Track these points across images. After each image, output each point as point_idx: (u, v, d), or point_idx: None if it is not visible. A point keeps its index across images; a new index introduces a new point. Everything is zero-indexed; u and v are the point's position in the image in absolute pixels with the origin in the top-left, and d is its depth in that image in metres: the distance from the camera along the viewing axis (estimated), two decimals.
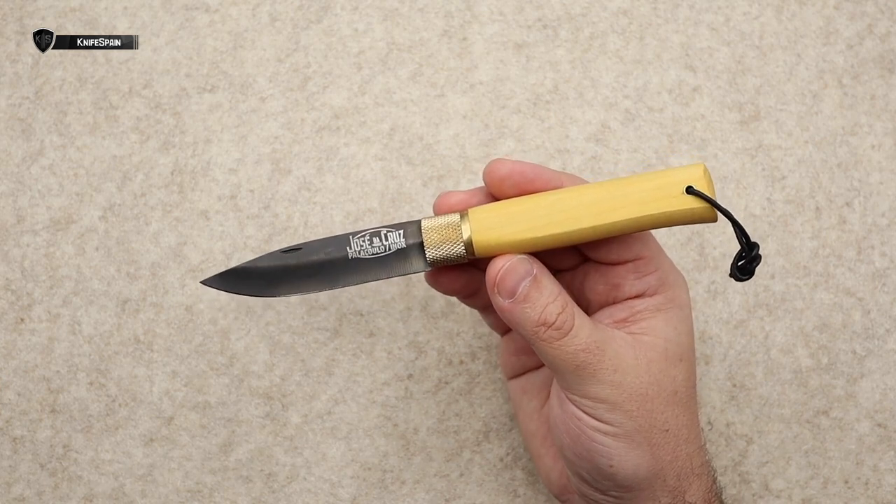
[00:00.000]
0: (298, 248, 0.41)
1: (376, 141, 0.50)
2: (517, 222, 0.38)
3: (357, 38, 0.51)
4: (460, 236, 0.39)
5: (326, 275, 0.40)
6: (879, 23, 0.52)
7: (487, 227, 0.38)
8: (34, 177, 0.50)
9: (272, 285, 0.41)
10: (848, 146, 0.51)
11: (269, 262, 0.41)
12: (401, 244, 0.40)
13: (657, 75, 0.51)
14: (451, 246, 0.39)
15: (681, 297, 0.40)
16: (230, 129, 0.50)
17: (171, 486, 0.49)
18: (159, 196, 0.50)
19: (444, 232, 0.39)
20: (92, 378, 0.49)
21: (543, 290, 0.38)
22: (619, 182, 0.38)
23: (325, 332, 0.49)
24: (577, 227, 0.38)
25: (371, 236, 0.40)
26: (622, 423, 0.38)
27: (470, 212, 0.39)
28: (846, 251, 0.50)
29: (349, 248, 0.40)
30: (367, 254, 0.40)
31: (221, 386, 0.49)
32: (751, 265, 0.38)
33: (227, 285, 0.42)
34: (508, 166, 0.39)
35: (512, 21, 0.51)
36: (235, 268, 0.42)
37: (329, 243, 0.41)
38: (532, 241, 0.38)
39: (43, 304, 0.49)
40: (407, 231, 0.40)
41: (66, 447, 0.49)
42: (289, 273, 0.41)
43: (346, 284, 0.40)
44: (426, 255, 0.39)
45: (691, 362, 0.40)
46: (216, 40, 0.51)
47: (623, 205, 0.38)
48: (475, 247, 0.39)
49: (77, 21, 0.51)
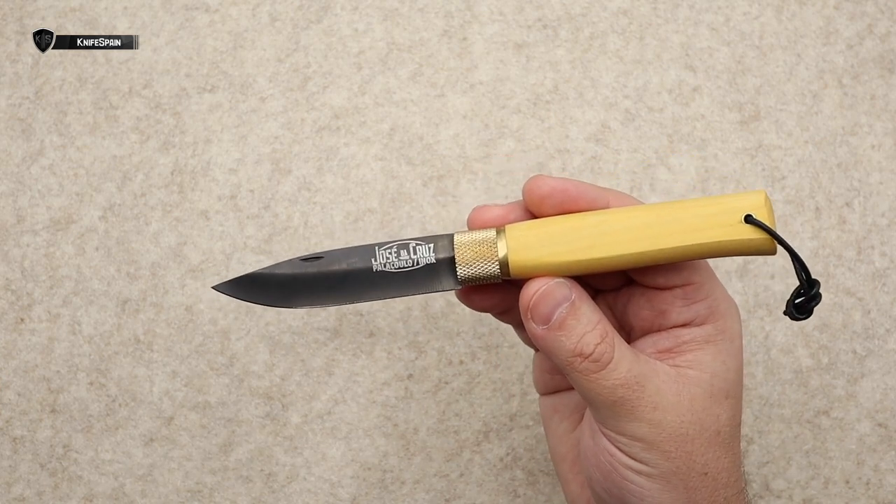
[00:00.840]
0: (319, 256, 0.38)
1: (376, 141, 0.50)
2: (557, 243, 0.35)
3: (357, 38, 0.51)
4: (495, 254, 0.36)
5: (348, 288, 0.37)
6: (879, 23, 0.52)
7: (525, 247, 0.36)
8: (34, 177, 0.50)
9: (288, 296, 0.38)
10: (848, 146, 0.51)
11: (288, 270, 0.38)
12: (430, 259, 0.37)
13: (657, 75, 0.51)
14: (485, 264, 0.36)
15: (731, 329, 0.37)
16: (230, 129, 0.50)
17: (171, 486, 0.49)
18: (159, 196, 0.50)
19: (478, 249, 0.36)
20: (92, 378, 0.49)
21: (581, 317, 0.35)
22: (670, 206, 0.35)
23: (325, 332, 0.49)
24: (621, 253, 0.35)
25: (399, 249, 0.37)
26: (658, 463, 0.35)
27: (507, 228, 0.36)
28: (846, 251, 0.50)
29: (374, 259, 0.37)
30: (394, 267, 0.37)
31: (221, 386, 0.49)
32: (810, 304, 0.36)
33: (241, 292, 0.38)
34: (550, 184, 0.36)
35: (512, 21, 0.51)
36: (251, 274, 0.38)
37: (353, 253, 0.37)
38: (572, 264, 0.35)
39: (43, 304, 0.49)
40: (438, 245, 0.37)
41: (66, 447, 0.49)
42: (308, 283, 0.37)
43: (369, 299, 0.37)
44: (457, 272, 0.36)
45: (738, 400, 0.37)
46: (216, 40, 0.51)
47: (674, 231, 0.35)
48: (511, 267, 0.36)
49: (77, 21, 0.51)
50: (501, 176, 0.50)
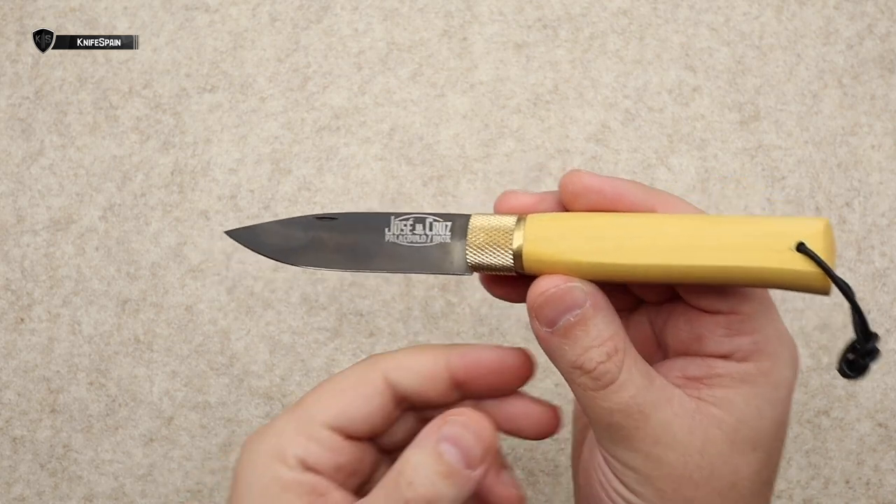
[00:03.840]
0: (334, 217, 0.36)
1: (376, 141, 0.50)
2: (579, 240, 0.32)
3: (357, 38, 0.51)
4: (510, 244, 0.33)
5: (357, 254, 0.35)
6: (879, 23, 0.52)
7: (543, 239, 0.32)
8: (34, 177, 0.50)
9: (297, 252, 0.36)
10: (848, 146, 0.51)
11: (300, 226, 0.36)
12: (444, 237, 0.34)
13: (657, 75, 0.51)
14: (497, 253, 0.33)
15: (778, 374, 0.32)
16: (230, 129, 0.50)
17: (171, 486, 0.49)
18: (159, 196, 0.50)
19: (492, 234, 0.33)
20: (92, 378, 0.49)
21: (590, 329, 0.31)
22: (715, 219, 0.31)
23: (325, 332, 0.49)
24: (648, 262, 0.31)
25: (415, 222, 0.35)
26: (651, 499, 0.31)
27: (529, 218, 0.33)
28: (846, 251, 0.50)
29: (388, 229, 0.35)
30: (406, 240, 0.35)
31: (221, 386, 0.49)
32: (865, 360, 0.30)
33: (250, 241, 0.37)
34: (584, 182, 0.32)
35: (512, 21, 0.51)
36: (264, 224, 0.37)
37: (367, 219, 0.35)
38: (593, 266, 0.32)
39: (43, 304, 0.49)
40: (455, 224, 0.34)
41: (66, 447, 0.49)
42: (317, 242, 0.36)
43: (376, 270, 0.35)
44: (466, 257, 0.34)
45: (770, 454, 0.32)
46: (216, 40, 0.51)
47: (711, 247, 0.30)
48: (525, 260, 0.32)
49: (77, 21, 0.51)
50: (501, 176, 0.50)
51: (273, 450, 0.32)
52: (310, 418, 0.33)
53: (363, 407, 0.33)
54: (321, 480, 0.32)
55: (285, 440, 0.32)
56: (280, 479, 0.32)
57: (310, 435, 0.33)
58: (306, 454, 0.32)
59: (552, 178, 0.50)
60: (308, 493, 0.32)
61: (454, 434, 0.31)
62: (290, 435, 0.32)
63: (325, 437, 0.33)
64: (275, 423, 0.33)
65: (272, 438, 0.32)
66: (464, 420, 0.31)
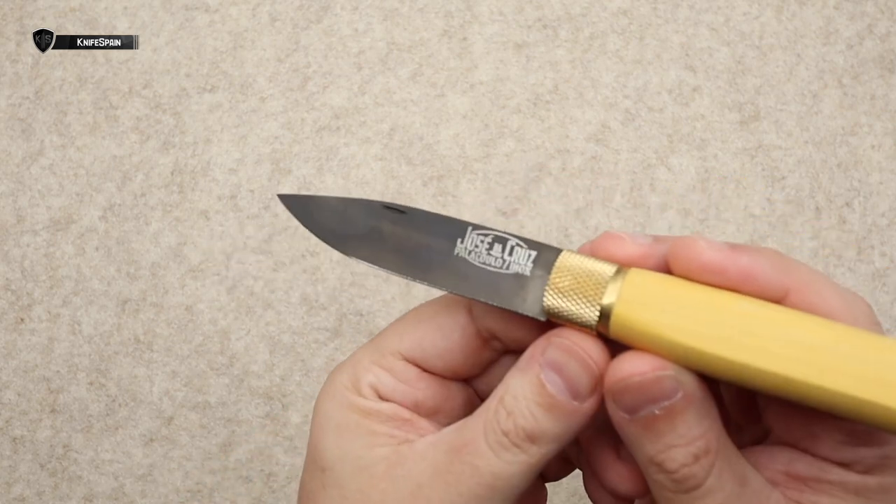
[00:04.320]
0: (402, 210, 0.31)
1: (376, 141, 0.50)
2: (685, 317, 0.26)
3: (357, 38, 0.51)
4: (599, 297, 0.27)
5: (419, 260, 0.30)
6: (879, 23, 0.52)
7: (642, 304, 0.26)
8: (34, 177, 0.50)
9: (351, 240, 0.31)
10: (848, 146, 0.50)
11: (363, 210, 0.32)
12: (524, 268, 0.29)
13: (657, 75, 0.51)
14: (582, 304, 0.28)
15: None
16: (230, 129, 0.50)
17: (171, 486, 0.49)
18: (159, 196, 0.50)
19: (581, 280, 0.28)
20: (92, 378, 0.49)
21: (678, 426, 0.26)
22: (862, 337, 0.25)
23: (325, 332, 0.49)
24: (765, 367, 0.25)
25: (494, 241, 0.30)
26: None
27: (631, 272, 0.27)
28: (846, 251, 0.50)
29: (460, 240, 0.30)
30: (478, 259, 0.30)
31: (221, 386, 0.49)
32: None
33: (302, 213, 0.32)
34: (703, 259, 0.26)
35: (512, 21, 0.51)
36: (322, 197, 0.32)
37: (439, 223, 0.31)
38: (693, 353, 0.26)
39: (43, 304, 0.49)
40: (540, 256, 0.29)
41: (65, 447, 0.49)
42: (376, 235, 0.31)
43: (434, 284, 0.30)
44: (543, 298, 0.28)
45: None
46: (216, 40, 0.51)
47: (847, 371, 0.24)
48: (613, 321, 0.27)
49: (77, 21, 0.51)
50: (501, 176, 0.50)
51: (349, 379, 0.30)
52: (384, 347, 0.30)
53: (440, 340, 0.30)
54: (401, 409, 0.30)
55: (360, 369, 0.30)
56: (357, 407, 0.29)
57: (383, 364, 0.30)
58: (379, 383, 0.30)
59: (552, 177, 0.50)
60: (388, 419, 0.29)
61: (557, 360, 0.27)
62: (366, 364, 0.30)
63: (398, 368, 0.30)
64: (355, 353, 0.31)
65: (349, 368, 0.30)
66: (568, 344, 0.27)
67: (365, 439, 0.29)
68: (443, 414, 0.31)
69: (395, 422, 0.30)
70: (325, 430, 0.30)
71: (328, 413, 0.30)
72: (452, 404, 0.31)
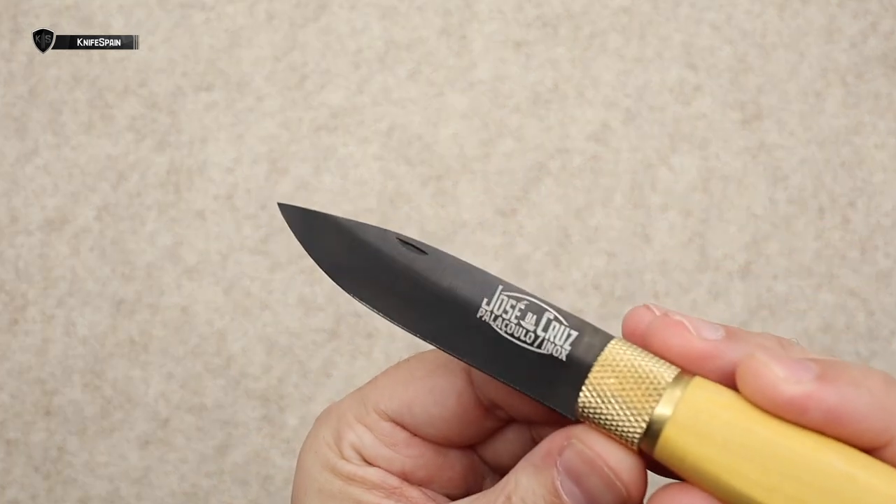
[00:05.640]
0: (422, 250, 0.26)
1: (374, 140, 0.50)
2: (752, 462, 0.20)
3: (355, 37, 0.51)
4: (650, 408, 0.22)
5: (432, 315, 0.25)
6: (883, 21, 0.51)
7: (701, 433, 0.21)
8: (28, 176, 0.50)
9: (353, 273, 0.26)
10: (851, 145, 0.50)
11: (373, 241, 0.26)
12: (560, 350, 0.23)
13: (658, 74, 0.51)
14: (627, 413, 0.22)
15: None
16: (227, 128, 0.50)
17: (167, 489, 0.48)
18: (155, 196, 0.50)
19: (629, 384, 0.22)
20: (87, 380, 0.49)
21: None
22: None
23: (323, 334, 0.49)
24: None
25: (527, 309, 0.24)
26: None
27: (694, 384, 0.22)
28: (850, 251, 0.50)
29: (486, 301, 0.25)
30: (505, 329, 0.24)
31: (217, 388, 0.49)
32: None
33: (302, 230, 0.28)
34: (783, 395, 0.21)
35: (511, 19, 0.51)
36: (328, 216, 0.27)
37: (465, 275, 0.25)
38: (750, 502, 0.21)
39: (37, 305, 0.49)
40: (583, 338, 0.23)
41: (60, 450, 0.49)
42: (386, 274, 0.26)
43: (447, 349, 0.25)
44: (579, 396, 0.23)
45: None
46: (212, 38, 0.51)
47: None
48: (660, 444, 0.22)
49: (72, 19, 0.51)
50: (501, 175, 0.50)
51: (332, 435, 0.27)
52: (370, 403, 0.27)
53: (432, 406, 0.26)
54: (389, 476, 0.26)
55: (343, 425, 0.27)
56: (340, 472, 0.26)
57: (367, 423, 0.26)
58: (361, 445, 0.26)
59: (552, 177, 0.49)
60: (375, 487, 0.26)
61: (576, 469, 0.23)
62: (349, 419, 0.27)
63: (384, 430, 0.26)
64: (343, 401, 0.27)
65: (333, 421, 0.27)
66: (590, 456, 0.23)
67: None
68: (438, 483, 0.27)
69: (382, 490, 0.26)
70: (308, 492, 0.27)
71: (310, 473, 0.27)
72: (450, 474, 0.27)
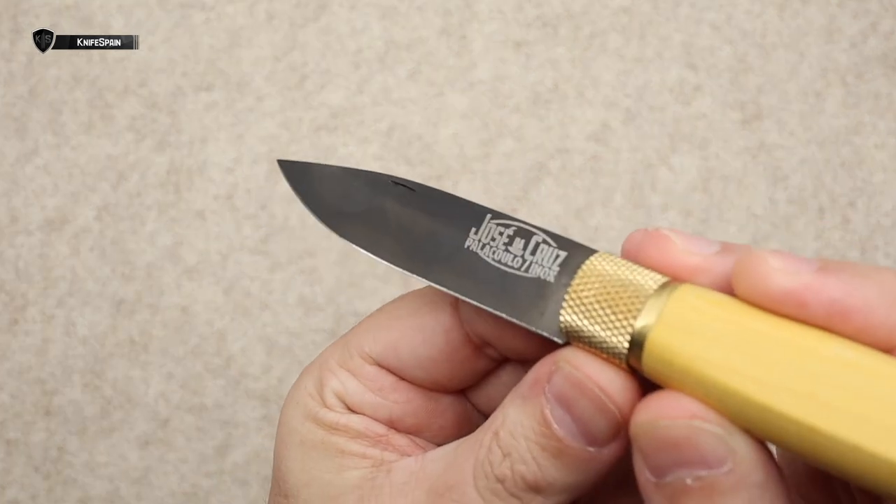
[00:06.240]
0: (411, 187, 0.25)
1: (374, 140, 0.50)
2: (745, 358, 0.19)
3: (355, 37, 0.51)
4: (633, 316, 0.20)
5: (421, 250, 0.24)
6: (883, 21, 0.51)
7: (688, 331, 0.19)
8: (28, 176, 0.50)
9: (347, 217, 0.26)
10: (851, 145, 0.50)
11: (367, 183, 0.26)
12: (548, 272, 0.22)
13: (658, 74, 0.51)
14: (610, 325, 0.21)
15: None
16: (227, 128, 0.50)
17: (167, 490, 0.48)
18: (155, 196, 0.50)
19: (611, 291, 0.21)
20: (87, 380, 0.49)
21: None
22: None
23: (323, 334, 0.49)
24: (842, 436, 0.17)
25: (515, 234, 0.23)
26: None
27: (682, 288, 0.20)
28: (850, 252, 0.49)
29: (475, 230, 0.24)
30: (492, 256, 0.24)
31: (218, 388, 0.49)
32: None
33: (300, 182, 0.27)
34: (779, 285, 0.19)
35: (511, 19, 0.51)
36: (324, 166, 0.27)
37: (452, 207, 0.25)
38: (751, 406, 0.18)
39: (37, 305, 0.49)
40: (571, 258, 0.22)
41: (60, 450, 0.49)
42: (378, 214, 0.25)
43: (435, 281, 0.24)
44: (560, 314, 0.22)
45: None
46: (212, 38, 0.51)
47: None
48: (646, 352, 0.20)
49: (71, 19, 0.51)
50: (501, 175, 0.50)
51: (314, 384, 0.25)
52: (354, 347, 0.25)
53: (420, 346, 0.25)
54: (374, 423, 0.25)
55: (326, 371, 0.25)
56: (323, 421, 0.25)
57: (350, 367, 0.25)
58: (345, 391, 0.25)
59: (552, 177, 0.49)
60: (360, 436, 0.25)
61: (565, 394, 0.21)
62: (332, 365, 0.25)
63: (369, 374, 0.25)
64: (327, 348, 0.26)
65: (315, 370, 0.26)
66: (578, 377, 0.21)
67: (333, 461, 0.24)
68: (429, 432, 0.26)
69: (367, 438, 0.25)
70: (289, 446, 0.26)
71: (291, 425, 0.26)
72: (441, 422, 0.26)
